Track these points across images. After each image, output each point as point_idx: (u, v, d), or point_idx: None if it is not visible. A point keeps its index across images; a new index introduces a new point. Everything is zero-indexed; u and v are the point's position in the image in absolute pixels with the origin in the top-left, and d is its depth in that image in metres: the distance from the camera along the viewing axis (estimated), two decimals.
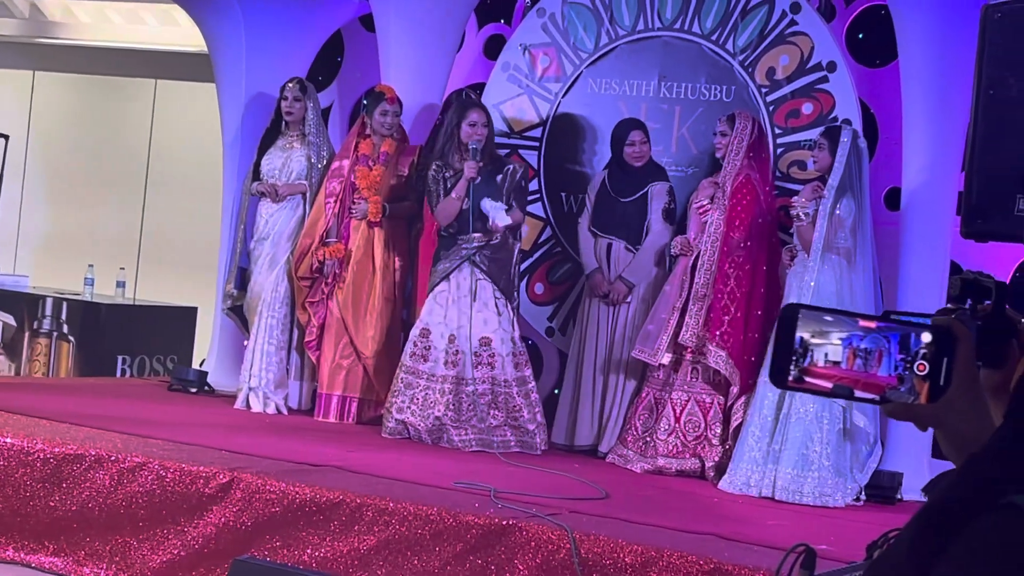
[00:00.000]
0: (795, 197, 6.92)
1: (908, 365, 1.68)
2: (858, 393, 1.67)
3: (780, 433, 6.65)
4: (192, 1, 8.93)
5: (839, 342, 1.67)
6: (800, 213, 6.76)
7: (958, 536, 1.45)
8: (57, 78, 12.84)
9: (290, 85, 7.98)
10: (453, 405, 7.12)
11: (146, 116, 12.44)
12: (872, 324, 1.68)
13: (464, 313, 7.19)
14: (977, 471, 1.53)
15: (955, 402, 1.68)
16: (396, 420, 7.21)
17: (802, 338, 1.68)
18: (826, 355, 1.67)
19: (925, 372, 1.68)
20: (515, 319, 7.29)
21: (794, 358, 1.67)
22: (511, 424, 7.17)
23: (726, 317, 6.98)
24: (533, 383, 7.28)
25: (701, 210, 7.16)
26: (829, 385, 1.67)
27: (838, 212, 6.74)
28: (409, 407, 7.18)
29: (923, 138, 7.15)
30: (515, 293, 7.37)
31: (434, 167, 7.33)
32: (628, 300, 7.41)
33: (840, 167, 6.77)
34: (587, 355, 7.48)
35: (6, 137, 10.91)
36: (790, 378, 1.68)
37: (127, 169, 12.38)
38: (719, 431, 7.01)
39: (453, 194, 7.24)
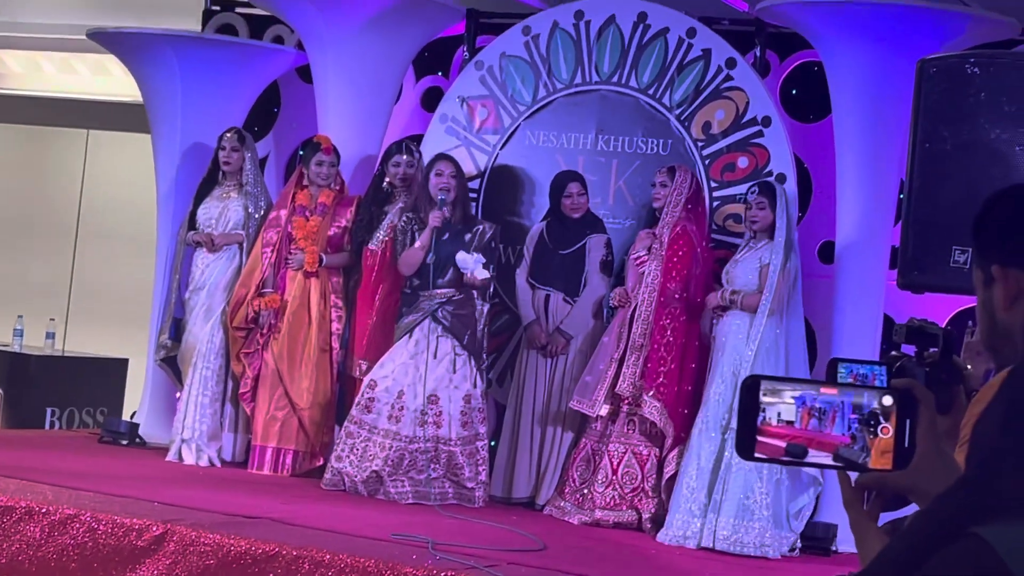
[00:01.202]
0: (718, 293, 6.96)
1: (861, 424, 1.68)
2: (812, 453, 1.67)
3: (720, 483, 6.68)
4: (127, 51, 8.89)
5: (792, 401, 1.67)
6: (740, 302, 6.84)
7: (924, 567, 1.47)
8: None
9: (228, 135, 7.95)
10: (392, 460, 7.08)
11: (78, 166, 12.35)
12: (833, 390, 1.68)
13: (418, 370, 7.14)
14: (942, 508, 1.54)
15: (923, 465, 1.69)
16: (333, 470, 7.15)
17: (758, 404, 1.68)
18: (779, 414, 1.67)
19: (890, 435, 1.68)
20: (477, 376, 7.23)
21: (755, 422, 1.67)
22: (450, 478, 7.13)
23: (662, 368, 7.00)
24: (483, 442, 7.21)
25: (638, 261, 7.20)
26: (783, 444, 1.67)
27: (789, 267, 6.85)
28: (348, 456, 7.13)
29: (856, 192, 7.24)
30: (482, 353, 7.32)
31: (404, 219, 7.34)
32: (566, 352, 7.41)
33: (783, 224, 6.89)
34: (525, 407, 7.46)
35: None
36: (754, 448, 1.68)
37: (58, 219, 12.27)
38: (655, 482, 7.02)
39: (417, 243, 7.22)
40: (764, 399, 1.69)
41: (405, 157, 7.62)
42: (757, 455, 1.70)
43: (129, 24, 9.80)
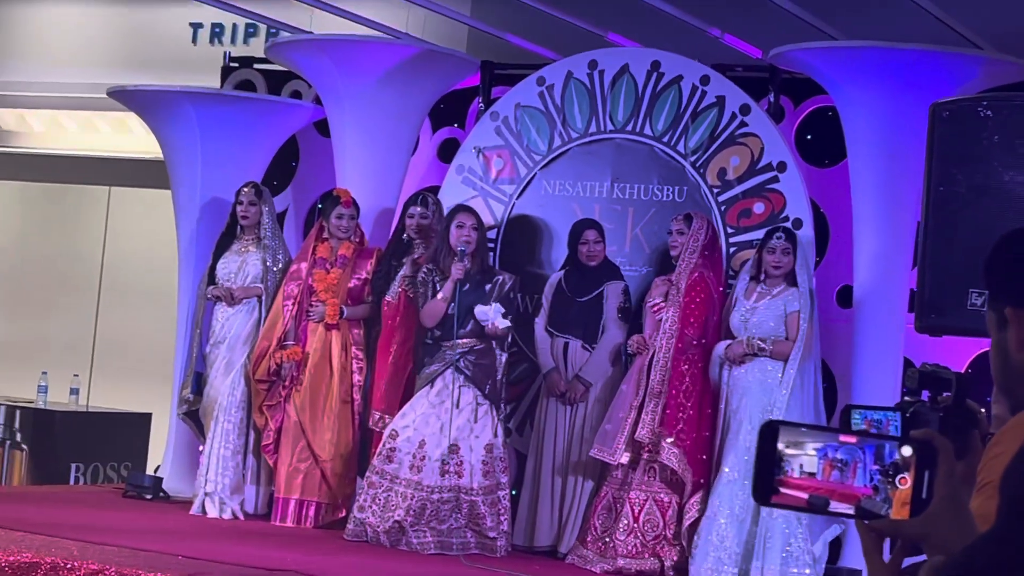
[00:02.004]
0: (734, 342, 6.98)
1: (883, 475, 1.68)
2: (834, 504, 1.67)
3: (761, 531, 6.70)
4: (147, 108, 8.98)
5: (814, 453, 1.67)
6: (768, 350, 6.87)
7: None
8: (10, 186, 12.83)
9: (245, 190, 8.02)
10: (414, 510, 7.08)
11: (100, 223, 12.44)
12: (852, 439, 1.69)
13: (439, 419, 7.16)
14: (971, 561, 1.54)
15: (938, 514, 1.69)
16: (356, 520, 7.15)
17: (777, 449, 1.68)
18: (801, 466, 1.68)
19: (907, 486, 1.68)
20: (498, 425, 7.24)
21: (776, 474, 1.68)
22: (472, 528, 7.13)
23: (681, 415, 7.01)
24: (505, 491, 7.20)
25: (655, 308, 7.21)
26: (805, 496, 1.67)
27: (816, 314, 6.91)
28: (370, 507, 7.14)
29: (873, 236, 7.25)
30: (502, 403, 7.33)
31: (424, 270, 7.38)
32: (585, 399, 7.42)
33: (805, 270, 6.94)
34: (545, 455, 7.47)
35: None
36: (773, 495, 1.68)
37: (81, 276, 12.35)
38: (677, 530, 7.01)
39: (440, 295, 7.26)
40: (786, 451, 1.70)
41: (419, 208, 7.67)
42: (775, 502, 1.71)
43: (149, 82, 9.90)
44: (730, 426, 6.94)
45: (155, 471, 8.85)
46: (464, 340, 7.22)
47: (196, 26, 11.85)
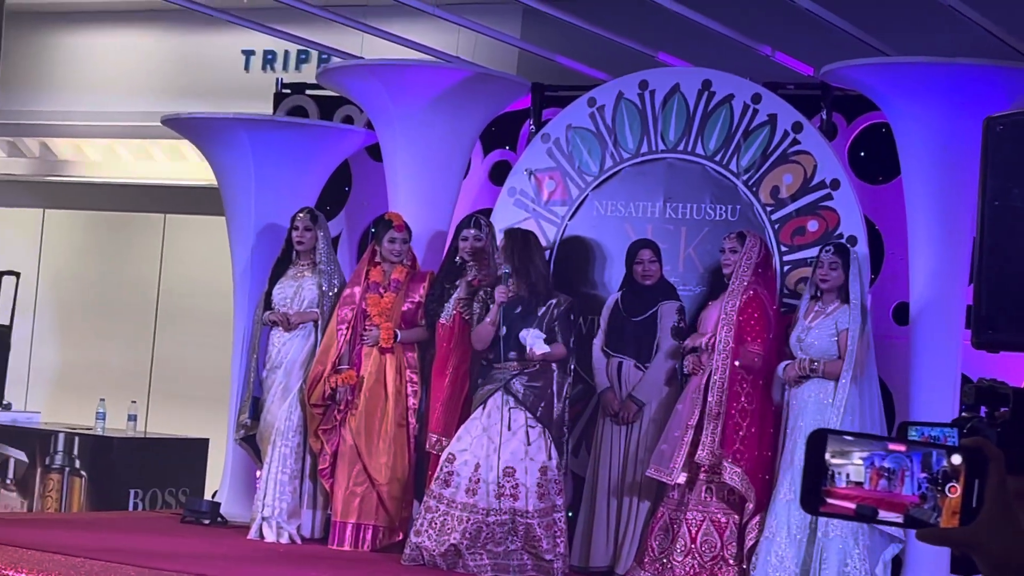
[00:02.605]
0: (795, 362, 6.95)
1: (931, 484, 1.67)
2: (882, 514, 1.66)
3: (817, 551, 6.66)
4: (200, 136, 9.05)
5: (860, 462, 1.66)
6: (820, 370, 6.83)
7: None
8: (67, 215, 12.97)
9: (300, 215, 8.06)
10: (470, 533, 7.07)
11: (155, 250, 12.54)
12: (902, 447, 1.68)
13: (492, 442, 7.15)
14: None
15: (989, 523, 1.67)
16: (412, 544, 7.16)
17: (825, 459, 1.67)
18: (848, 476, 1.66)
19: (957, 494, 1.67)
20: (552, 448, 7.22)
21: (823, 483, 1.67)
22: (528, 550, 7.11)
23: (740, 434, 6.98)
24: (560, 513, 7.17)
25: (710, 327, 7.18)
26: (852, 506, 1.66)
27: (867, 331, 6.85)
28: (427, 531, 7.14)
29: (929, 252, 7.20)
30: (561, 425, 7.28)
31: (483, 292, 7.40)
32: (639, 419, 7.40)
33: (857, 286, 6.89)
34: (601, 476, 7.45)
35: (17, 274, 10.99)
36: (821, 505, 1.67)
37: (137, 303, 12.45)
38: (735, 550, 6.98)
39: (487, 318, 7.27)
40: (832, 460, 1.69)
41: (472, 231, 7.68)
42: (823, 511, 1.70)
43: (202, 109, 9.98)
44: (787, 445, 6.90)
45: (212, 496, 8.89)
46: (515, 363, 7.20)
47: (248, 53, 11.96)
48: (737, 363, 7.03)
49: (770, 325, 7.11)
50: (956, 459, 1.68)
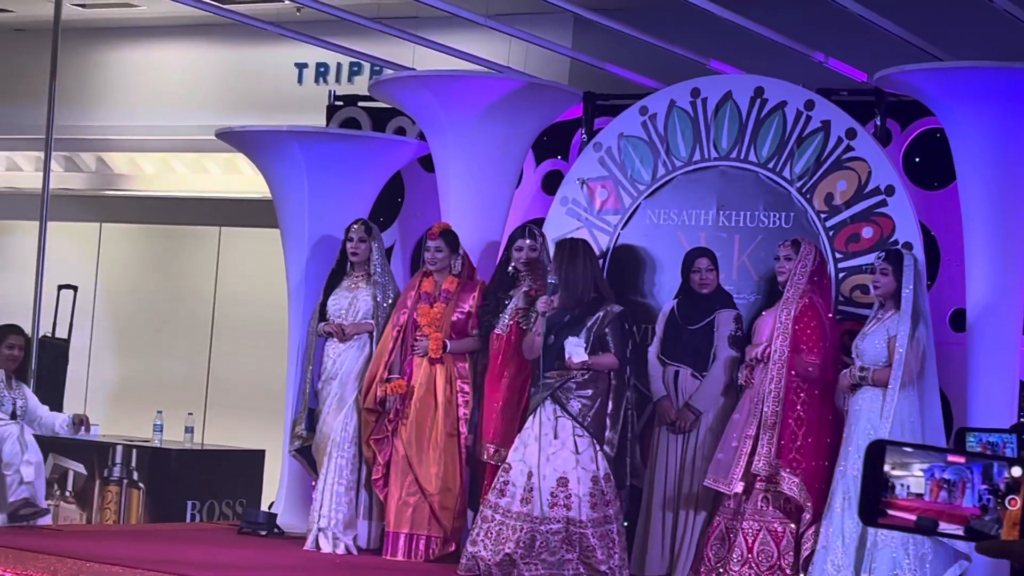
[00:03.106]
0: (849, 370, 6.90)
1: (992, 495, 1.65)
2: (942, 526, 1.64)
3: (867, 560, 6.60)
4: (254, 148, 9.10)
5: (921, 474, 1.65)
6: (871, 378, 6.77)
7: None
8: (123, 229, 13.08)
9: (355, 227, 8.08)
10: (524, 542, 7.06)
11: (211, 263, 12.62)
12: (961, 459, 1.66)
13: (543, 450, 7.14)
14: None
15: None
16: (468, 555, 7.15)
17: (884, 471, 1.66)
18: (908, 488, 1.65)
19: (1018, 507, 1.65)
20: (599, 456, 7.19)
21: (883, 495, 1.65)
22: (583, 561, 7.09)
23: (796, 443, 6.94)
24: (615, 524, 7.13)
25: (765, 337, 7.14)
26: (913, 518, 1.65)
27: (917, 337, 6.76)
28: (482, 540, 7.13)
29: (986, 258, 7.15)
30: (611, 434, 7.24)
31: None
32: (695, 428, 7.37)
33: (909, 293, 6.80)
34: (657, 485, 7.42)
35: (74, 288, 11.09)
36: (880, 516, 1.66)
37: (193, 315, 12.54)
38: (792, 560, 6.93)
39: (534, 329, 7.27)
40: (892, 472, 1.67)
41: (528, 241, 7.67)
42: (882, 523, 1.68)
43: (256, 122, 10.05)
44: (841, 454, 6.85)
45: (269, 507, 8.93)
46: (560, 372, 7.18)
47: (301, 66, 12.03)
48: (792, 372, 6.99)
49: (825, 334, 7.06)
50: (1017, 471, 1.66)
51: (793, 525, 6.98)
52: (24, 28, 12.85)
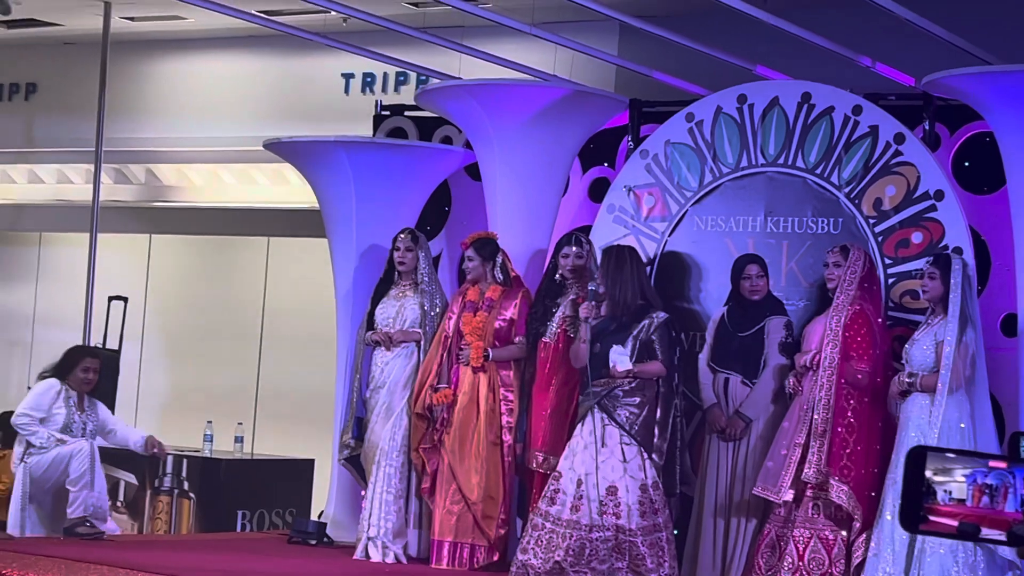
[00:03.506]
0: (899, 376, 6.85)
1: None
2: (985, 531, 1.63)
3: (915, 568, 6.55)
4: (301, 159, 9.13)
5: (963, 479, 1.64)
6: (919, 383, 6.73)
7: None
8: (172, 240, 13.16)
9: (402, 236, 8.10)
10: (574, 550, 7.05)
11: (260, 273, 12.68)
12: (1003, 464, 1.65)
13: (592, 458, 7.12)
14: None
15: None
16: (519, 563, 7.15)
17: (926, 476, 1.65)
18: (950, 493, 1.64)
19: None
20: (648, 465, 7.17)
21: (925, 500, 1.64)
22: (633, 569, 7.07)
23: (846, 451, 6.89)
24: (664, 532, 7.10)
25: (815, 344, 7.10)
26: (955, 523, 1.64)
27: (965, 341, 6.70)
28: (532, 548, 7.13)
29: None
30: (659, 442, 7.21)
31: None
32: (746, 435, 7.33)
33: (957, 297, 6.74)
34: (708, 493, 7.39)
35: (125, 299, 11.16)
36: (921, 523, 1.65)
37: (242, 325, 12.59)
38: (843, 567, 6.89)
39: (580, 336, 7.26)
40: (935, 478, 1.67)
41: (574, 248, 7.67)
42: (923, 529, 1.67)
43: (304, 132, 10.09)
44: (891, 461, 6.80)
45: (319, 516, 8.96)
46: (606, 379, 7.17)
47: (348, 76, 12.07)
48: (842, 380, 6.94)
49: (876, 340, 7.01)
50: None
51: (844, 532, 6.93)
52: (73, 42, 12.96)
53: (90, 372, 8.19)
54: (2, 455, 9.88)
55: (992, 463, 1.67)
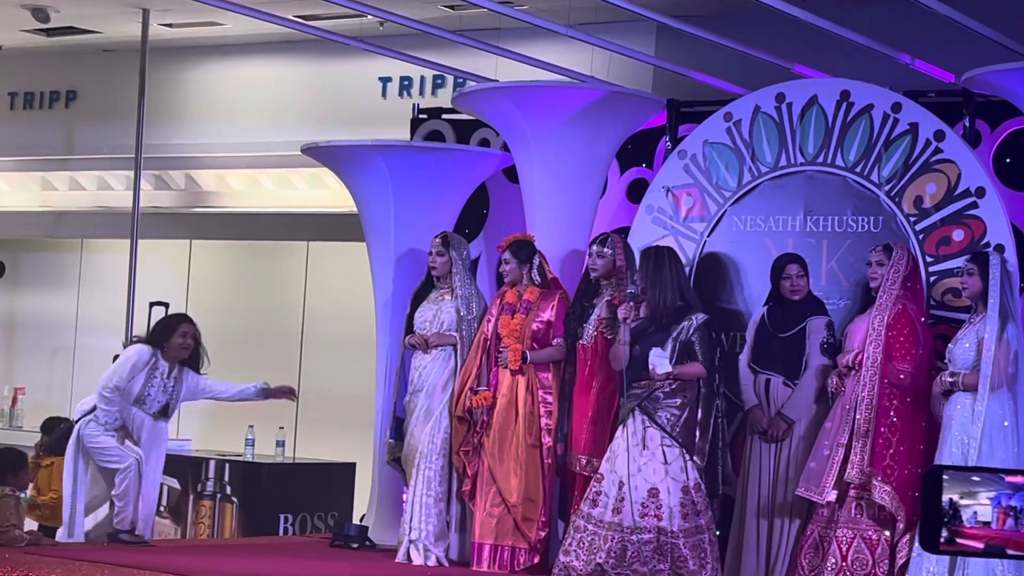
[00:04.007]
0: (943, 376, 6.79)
1: None
2: (1011, 552, 1.62)
3: (959, 570, 6.50)
4: (340, 163, 9.15)
5: (988, 502, 1.62)
6: (960, 382, 6.67)
7: None
8: (212, 245, 13.21)
9: (435, 241, 8.11)
10: (615, 552, 7.04)
11: (300, 277, 12.71)
12: (1020, 479, 1.63)
13: (634, 460, 7.11)
14: None
15: None
16: (561, 565, 7.14)
17: (951, 500, 1.63)
18: (975, 515, 1.63)
19: None
20: (689, 466, 7.14)
21: (945, 520, 1.63)
22: (675, 571, 7.05)
23: (889, 451, 6.85)
24: (707, 533, 7.08)
25: (858, 343, 7.06)
26: (980, 546, 1.62)
27: (1006, 338, 6.65)
28: (575, 550, 7.12)
29: None
30: (700, 443, 7.16)
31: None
32: (788, 436, 7.29)
33: (996, 292, 6.69)
34: (750, 494, 7.36)
35: (166, 305, 11.21)
36: (941, 541, 1.64)
37: (283, 330, 12.63)
38: (887, 568, 6.85)
39: (620, 338, 7.24)
40: (960, 501, 1.65)
41: (595, 247, 7.65)
42: (944, 550, 1.66)
43: (342, 136, 10.11)
44: (937, 461, 6.75)
45: (360, 520, 8.97)
46: (647, 381, 7.15)
47: (385, 80, 12.08)
48: (885, 380, 6.90)
49: (919, 340, 6.96)
50: None
51: (887, 533, 6.89)
52: (112, 49, 13.03)
53: (188, 338, 8.19)
54: (50, 463, 9.93)
55: (1008, 479, 1.66)
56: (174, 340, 8.11)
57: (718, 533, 7.29)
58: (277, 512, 9.77)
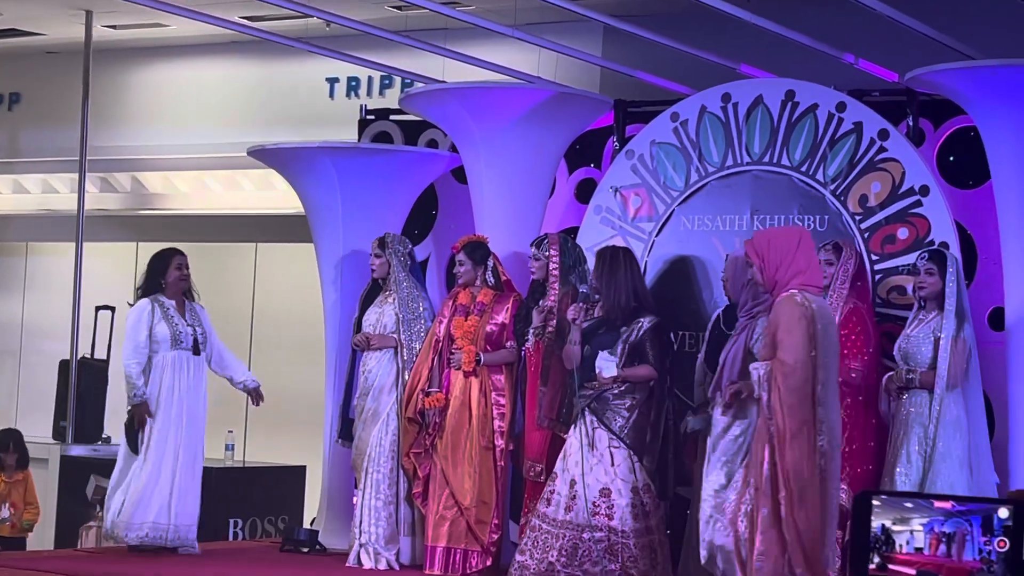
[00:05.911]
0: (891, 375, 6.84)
1: (988, 544, 1.64)
2: None
3: None
4: (287, 165, 9.12)
5: (921, 528, 1.64)
6: (916, 380, 6.72)
7: None
8: (159, 248, 13.11)
9: (373, 243, 8.09)
10: (567, 550, 7.05)
11: (248, 279, 12.67)
12: (948, 504, 1.65)
13: (586, 460, 7.13)
14: None
15: None
16: (517, 564, 7.15)
17: (883, 525, 1.65)
18: (908, 541, 1.64)
19: (1005, 549, 1.64)
20: (637, 467, 7.16)
21: (876, 546, 1.65)
22: (626, 572, 7.06)
23: (844, 450, 6.88)
24: (656, 534, 7.08)
25: None
26: (913, 572, 1.64)
27: (963, 336, 6.71)
28: (529, 549, 7.13)
29: (1023, 256, 7.09)
30: (650, 445, 7.16)
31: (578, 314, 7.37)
32: None
33: (953, 292, 6.76)
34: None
35: (112, 309, 11.14)
36: (872, 566, 1.66)
37: (231, 331, 12.53)
38: (841, 565, 6.87)
39: (571, 338, 7.24)
40: (893, 527, 1.67)
41: (532, 250, 7.66)
42: (873, 572, 1.67)
43: (289, 138, 10.09)
44: (889, 459, 6.78)
45: (311, 524, 8.95)
46: (596, 383, 7.16)
47: (332, 81, 12.07)
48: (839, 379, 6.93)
49: (870, 339, 7.00)
50: (1003, 512, 1.66)
51: (840, 532, 6.90)
52: (56, 51, 12.94)
53: (184, 268, 8.22)
54: (22, 477, 9.86)
55: (937, 504, 1.68)
56: (171, 274, 8.18)
57: (668, 532, 7.31)
58: (226, 516, 9.71)
